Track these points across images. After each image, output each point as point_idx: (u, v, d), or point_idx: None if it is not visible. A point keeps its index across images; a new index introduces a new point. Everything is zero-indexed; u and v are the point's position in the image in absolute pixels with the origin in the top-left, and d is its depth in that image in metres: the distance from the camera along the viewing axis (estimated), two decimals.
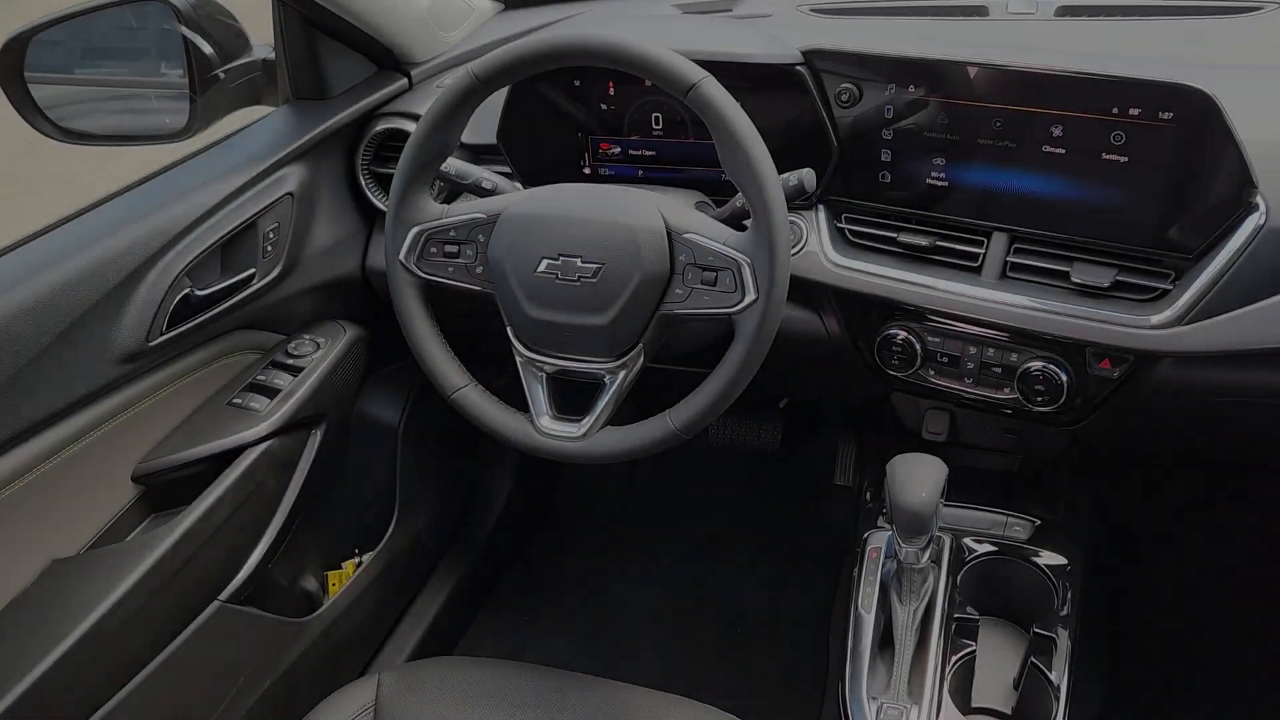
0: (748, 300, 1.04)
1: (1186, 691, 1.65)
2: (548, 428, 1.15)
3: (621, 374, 1.12)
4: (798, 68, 1.23)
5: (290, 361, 1.40)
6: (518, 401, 1.17)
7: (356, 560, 1.64)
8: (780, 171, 1.07)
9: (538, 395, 1.16)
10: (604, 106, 1.35)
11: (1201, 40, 1.27)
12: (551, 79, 1.33)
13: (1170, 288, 1.11)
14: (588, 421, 1.13)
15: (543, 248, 1.10)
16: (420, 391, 1.70)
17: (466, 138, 1.31)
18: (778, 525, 2.09)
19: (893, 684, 1.16)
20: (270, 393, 1.35)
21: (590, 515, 2.18)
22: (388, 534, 1.69)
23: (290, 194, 1.36)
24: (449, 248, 1.16)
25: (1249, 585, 1.83)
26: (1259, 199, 1.04)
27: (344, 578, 1.60)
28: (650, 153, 1.36)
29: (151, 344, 1.21)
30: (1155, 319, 1.10)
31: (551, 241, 1.10)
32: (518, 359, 1.16)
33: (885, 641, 1.21)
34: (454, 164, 1.23)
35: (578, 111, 1.36)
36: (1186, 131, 1.06)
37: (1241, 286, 1.06)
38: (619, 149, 1.37)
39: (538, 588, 2.01)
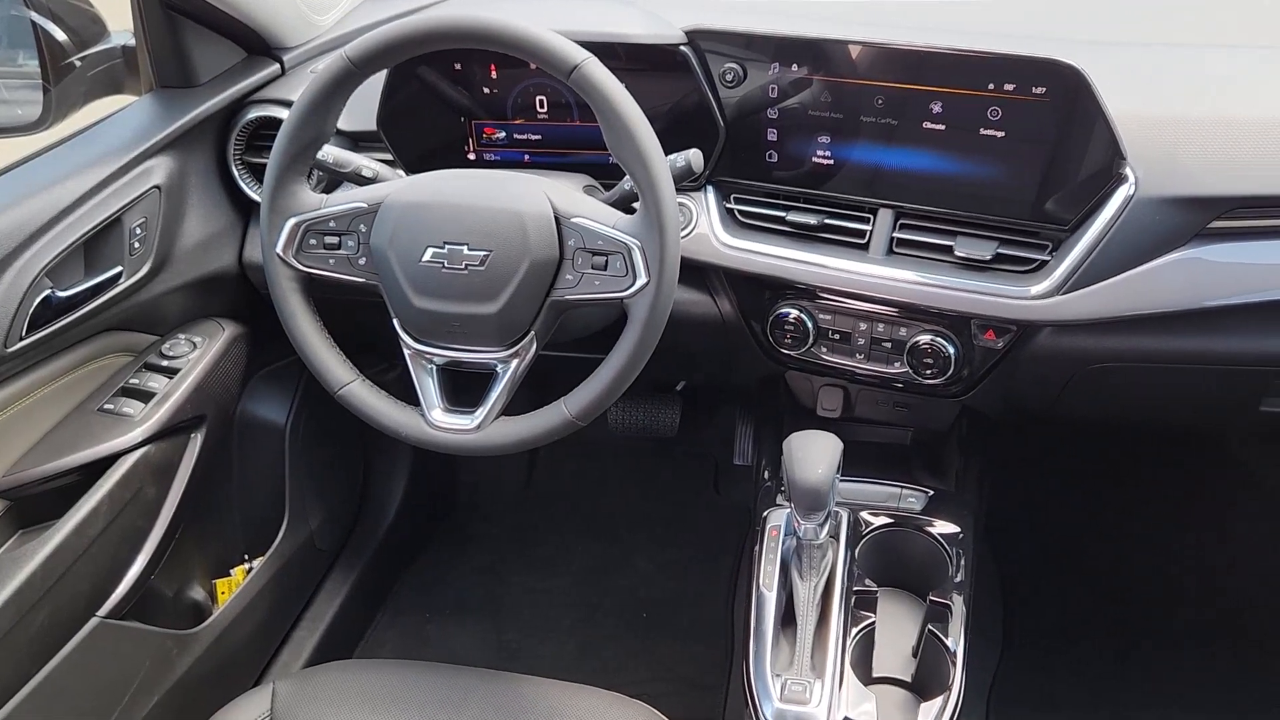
0: (639, 284, 1.03)
1: (1074, 653, 1.72)
2: (440, 421, 1.12)
3: (514, 363, 1.10)
4: (681, 48, 1.22)
5: (165, 363, 1.34)
6: (410, 395, 1.14)
7: (246, 566, 1.58)
8: (667, 153, 1.06)
9: (428, 388, 1.13)
10: (487, 90, 1.32)
11: (1073, 18, 1.30)
12: (432, 62, 1.30)
13: (1048, 259, 1.14)
14: (481, 412, 1.11)
15: (428, 236, 1.07)
16: (307, 389, 1.65)
17: (344, 124, 1.27)
18: (679, 508, 2.10)
19: (796, 660, 1.17)
20: (144, 396, 1.28)
21: (490, 507, 2.15)
22: (278, 538, 1.63)
23: (157, 187, 1.30)
24: (329, 239, 1.12)
25: (1134, 548, 1.92)
26: (1128, 170, 1.07)
27: (233, 585, 1.54)
28: (536, 137, 1.34)
29: (10, 350, 1.14)
30: (1035, 290, 1.13)
31: (436, 230, 1.07)
32: (405, 351, 1.13)
33: (788, 618, 1.22)
34: (331, 152, 1.19)
35: (460, 96, 1.33)
36: (1059, 106, 1.09)
37: (1114, 255, 1.09)
38: (504, 134, 1.34)
39: (439, 584, 1.97)
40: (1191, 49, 1.20)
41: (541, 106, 1.31)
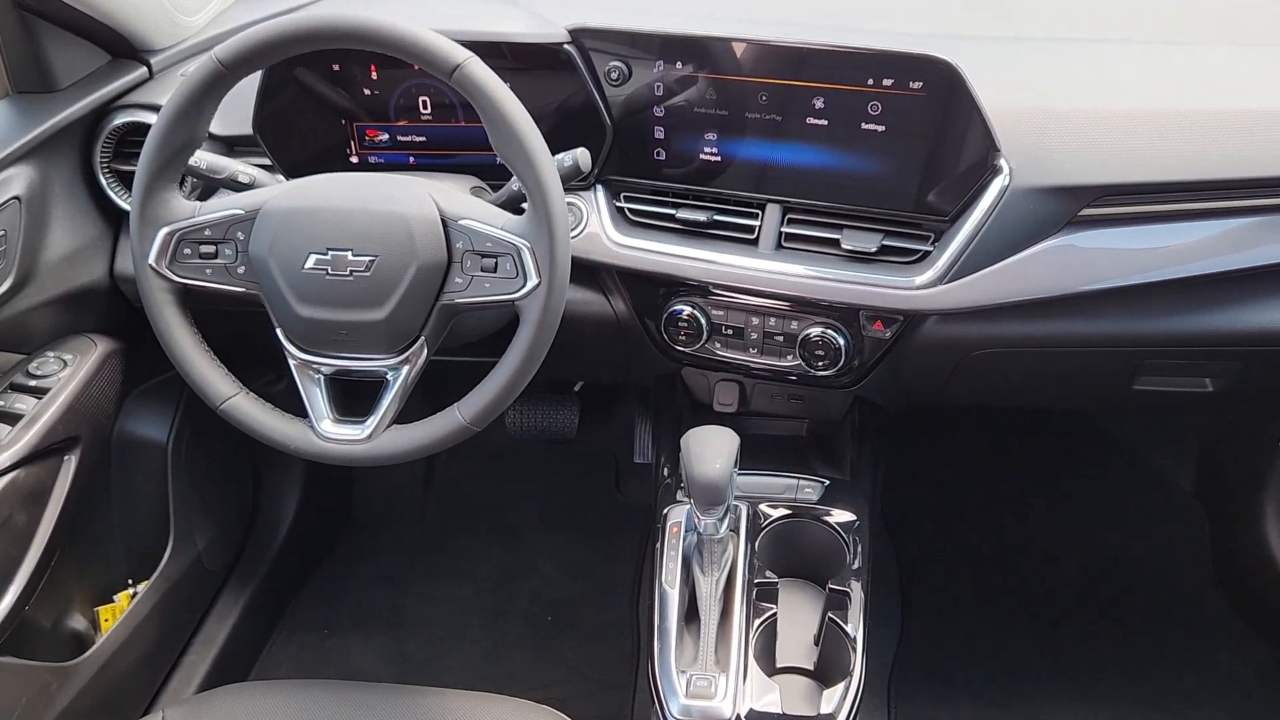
0: (530, 285, 1.02)
1: (968, 632, 1.77)
2: (330, 432, 1.09)
3: (404, 369, 1.08)
4: (565, 46, 1.22)
5: (33, 383, 1.27)
6: (298, 406, 1.11)
7: (130, 591, 1.51)
8: (554, 152, 1.06)
9: (316, 398, 1.10)
10: (367, 91, 1.29)
11: (944, 14, 1.34)
12: (309, 63, 1.26)
13: (931, 249, 1.16)
14: (372, 422, 1.08)
15: (309, 242, 1.04)
16: (188, 404, 1.59)
17: (217, 129, 1.23)
18: (581, 509, 2.09)
19: (700, 655, 1.17)
20: (10, 419, 1.22)
21: (388, 517, 2.11)
22: (164, 559, 1.57)
23: (17, 198, 1.23)
24: (205, 248, 1.08)
25: (1021, 526, 1.98)
26: (1002, 161, 1.11)
27: (117, 611, 1.47)
28: (420, 138, 1.31)
29: None
30: (919, 280, 1.16)
31: (319, 235, 1.04)
32: (291, 362, 1.10)
33: (691, 614, 1.22)
34: (204, 157, 1.15)
35: (339, 97, 1.29)
36: (935, 100, 1.11)
37: (992, 244, 1.13)
38: (386, 136, 1.31)
39: (337, 598, 1.92)
40: (1059, 44, 1.24)
41: (425, 107, 1.29)
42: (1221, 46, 1.24)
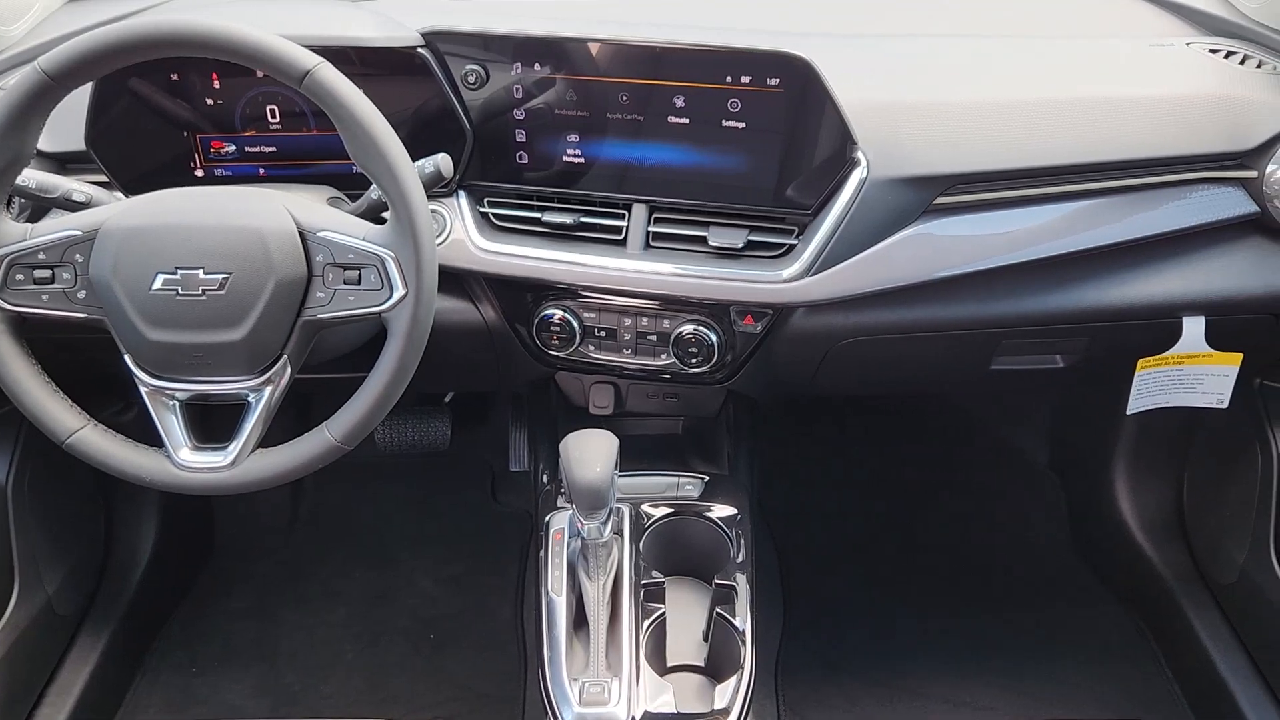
0: (397, 296, 0.99)
1: (849, 616, 1.81)
2: (189, 460, 1.04)
3: (267, 391, 1.04)
4: (419, 50, 1.19)
5: None
6: (153, 435, 1.05)
7: None
8: (414, 159, 1.03)
9: (172, 426, 1.04)
10: (210, 101, 1.22)
11: (799, 13, 1.36)
12: (145, 73, 1.19)
13: (796, 243, 1.18)
14: (235, 447, 1.03)
15: (156, 262, 0.98)
16: (29, 440, 1.48)
17: (46, 145, 1.15)
18: (459, 521, 2.05)
19: (591, 661, 1.16)
20: None
21: (253, 544, 2.01)
22: (9, 608, 1.46)
23: None
24: (39, 273, 1.01)
25: (894, 507, 2.04)
26: (860, 154, 1.13)
27: None
28: (270, 149, 1.26)
29: None
30: (786, 273, 1.17)
31: (166, 254, 0.99)
32: (142, 389, 1.04)
33: (579, 620, 1.21)
34: (33, 176, 1.07)
35: (180, 108, 1.23)
36: (793, 96, 1.13)
37: (854, 236, 1.15)
38: (233, 147, 1.25)
39: (203, 634, 1.83)
40: (909, 39, 1.28)
41: (273, 116, 1.24)
42: (1058, 39, 1.30)
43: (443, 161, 1.10)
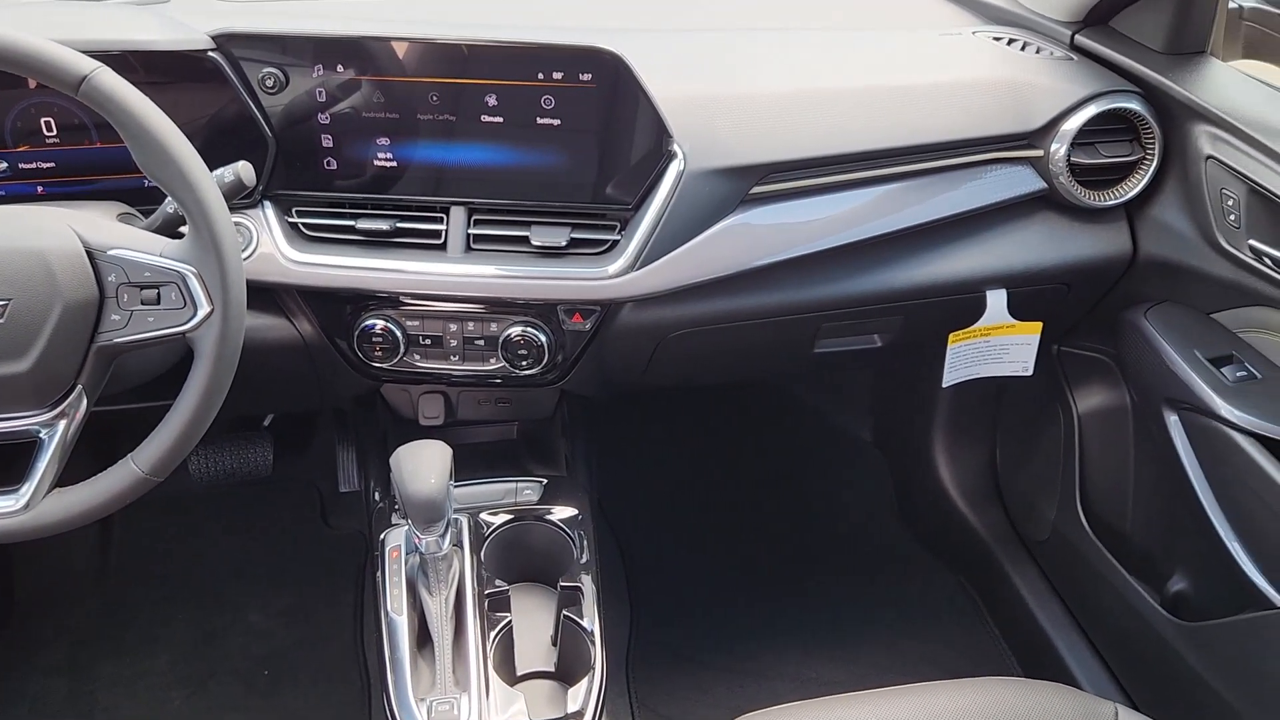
0: (201, 314, 0.93)
1: (694, 605, 1.83)
2: None
3: (61, 425, 0.95)
4: (210, 54, 1.12)
5: None
6: None
7: None
8: (212, 168, 0.97)
9: None
10: None
11: (609, 9, 1.37)
12: None
13: (619, 238, 1.18)
14: (28, 488, 0.95)
15: None
16: None
17: None
18: (288, 549, 1.95)
19: (438, 678, 1.13)
20: None
21: (59, 595, 1.86)
22: None
23: None
24: None
25: (732, 495, 2.08)
26: (676, 147, 1.14)
27: None
28: (48, 164, 1.16)
29: None
30: (611, 269, 1.17)
31: None
32: None
33: (423, 638, 1.18)
34: None
35: None
36: (606, 91, 1.13)
37: (675, 228, 1.16)
38: (5, 164, 1.15)
39: (9, 698, 1.68)
40: (718, 33, 1.31)
41: (50, 129, 1.14)
42: (856, 31, 1.36)
43: (243, 169, 1.04)
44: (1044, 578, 1.68)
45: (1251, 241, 1.15)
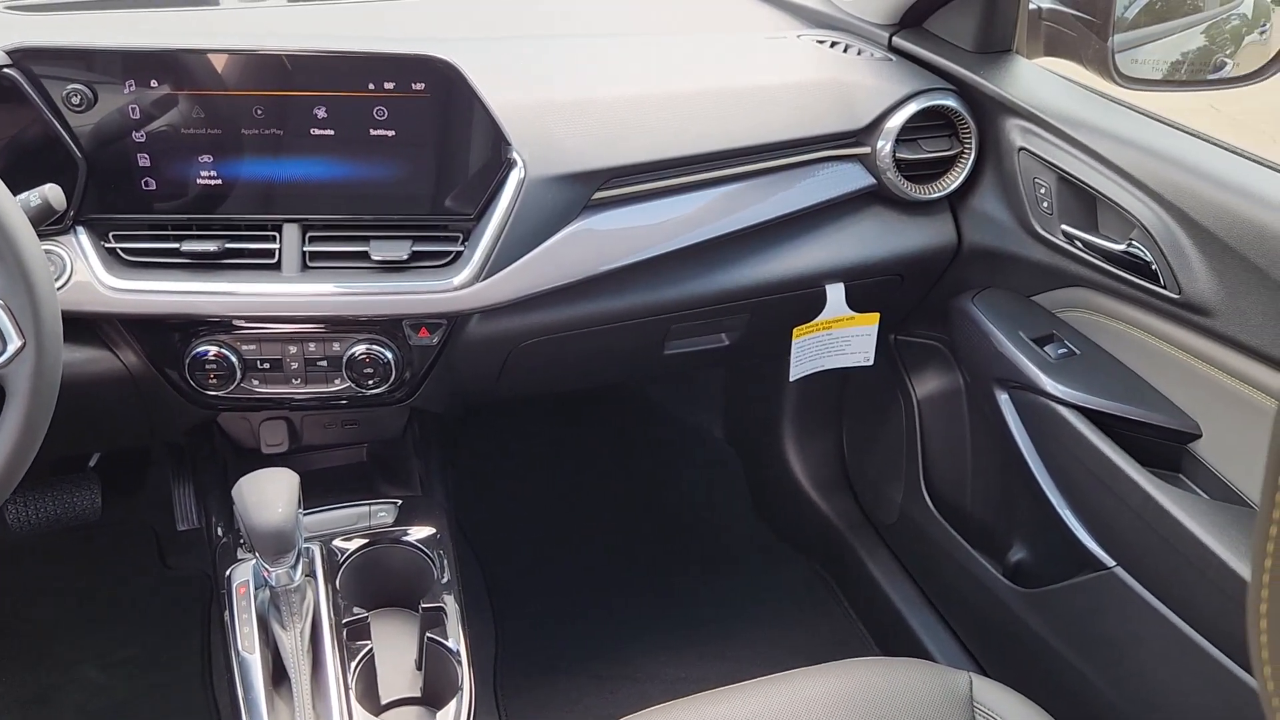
0: (11, 349, 0.87)
1: (560, 614, 1.82)
2: None
3: None
4: (5, 70, 1.04)
5: None
6: None
7: None
8: (16, 192, 0.90)
9: None
10: None
11: (440, 19, 1.34)
12: None
13: (463, 249, 1.16)
14: None
15: None
16: None
17: None
18: (126, 598, 1.83)
19: (297, 716, 1.08)
20: None
21: None
22: None
23: None
24: None
25: (593, 502, 2.07)
26: (515, 155, 1.13)
27: None
28: None
29: None
30: (456, 280, 1.15)
31: None
32: None
33: (279, 675, 1.12)
34: None
35: None
36: (440, 101, 1.11)
37: (519, 237, 1.15)
38: None
39: None
40: (551, 40, 1.30)
41: None
42: (685, 36, 1.38)
43: (51, 193, 0.97)
44: (895, 559, 1.74)
45: (1064, 226, 1.22)
